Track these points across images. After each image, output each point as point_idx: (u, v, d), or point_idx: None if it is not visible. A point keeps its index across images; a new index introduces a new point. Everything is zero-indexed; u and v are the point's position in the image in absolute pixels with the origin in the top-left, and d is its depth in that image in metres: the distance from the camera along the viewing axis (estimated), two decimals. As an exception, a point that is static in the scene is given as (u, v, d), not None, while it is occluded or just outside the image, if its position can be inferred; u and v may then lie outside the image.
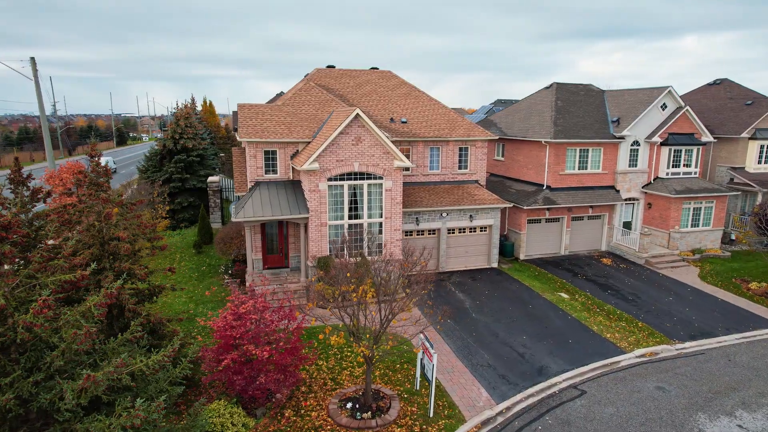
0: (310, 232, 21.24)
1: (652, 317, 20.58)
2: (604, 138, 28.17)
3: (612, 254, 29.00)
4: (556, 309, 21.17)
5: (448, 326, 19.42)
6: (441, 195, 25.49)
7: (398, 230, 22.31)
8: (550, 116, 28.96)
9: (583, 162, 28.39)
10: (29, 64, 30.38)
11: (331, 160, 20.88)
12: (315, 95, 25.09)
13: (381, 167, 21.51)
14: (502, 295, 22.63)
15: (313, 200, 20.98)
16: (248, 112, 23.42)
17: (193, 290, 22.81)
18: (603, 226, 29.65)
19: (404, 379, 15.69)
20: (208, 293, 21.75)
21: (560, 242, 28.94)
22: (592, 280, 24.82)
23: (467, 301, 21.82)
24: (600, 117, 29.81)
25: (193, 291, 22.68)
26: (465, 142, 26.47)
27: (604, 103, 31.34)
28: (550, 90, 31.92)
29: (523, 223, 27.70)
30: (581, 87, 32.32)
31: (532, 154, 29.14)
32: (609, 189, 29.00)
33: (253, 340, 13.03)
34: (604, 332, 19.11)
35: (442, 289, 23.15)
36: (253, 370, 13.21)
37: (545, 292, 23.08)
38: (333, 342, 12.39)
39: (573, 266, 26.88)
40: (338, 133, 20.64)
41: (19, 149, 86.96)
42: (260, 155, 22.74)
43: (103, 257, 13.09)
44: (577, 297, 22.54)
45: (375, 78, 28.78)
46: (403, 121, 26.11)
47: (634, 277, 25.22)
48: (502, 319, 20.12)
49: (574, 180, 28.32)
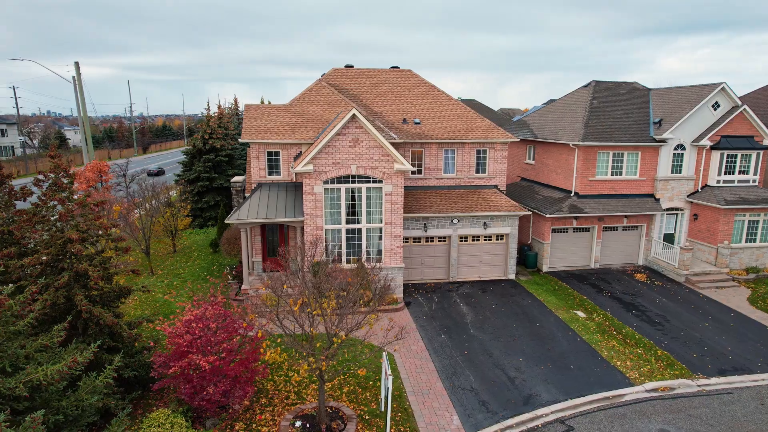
0: (306, 236, 20.66)
1: (678, 345, 18.16)
2: (642, 141, 25.50)
3: (648, 269, 26.22)
4: (566, 329, 19.24)
5: (439, 342, 18.13)
6: (453, 200, 24.08)
7: (399, 237, 21.23)
8: (582, 117, 26.66)
9: (617, 167, 25.85)
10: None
11: (327, 162, 20.18)
12: (325, 95, 24.52)
13: (380, 170, 20.54)
14: (509, 310, 20.93)
15: (308, 203, 20.38)
16: (254, 112, 23.24)
17: (197, 290, 22.93)
18: (640, 238, 26.90)
19: (373, 398, 14.67)
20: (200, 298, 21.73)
21: (590, 254, 26.55)
22: (617, 297, 22.45)
23: (469, 315, 20.35)
24: (640, 118, 27.07)
25: (197, 291, 22.80)
26: (483, 144, 24.88)
27: (648, 102, 28.47)
28: (587, 88, 29.47)
29: (547, 232, 25.65)
30: (624, 85, 29.58)
31: (561, 157, 26.97)
32: (647, 197, 26.23)
33: (201, 349, 12.57)
34: (614, 359, 17.05)
35: (446, 301, 21.81)
36: (203, 380, 12.76)
37: (559, 309, 21.11)
38: (268, 358, 11.64)
39: (600, 281, 24.51)
40: (334, 135, 19.90)
41: (101, 147, 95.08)
42: (263, 156, 22.48)
43: (63, 258, 13.13)
44: (594, 316, 20.41)
45: (393, 77, 27.79)
46: (417, 122, 24.94)
47: (668, 297, 22.54)
48: (501, 337, 18.53)
49: (606, 187, 25.85)
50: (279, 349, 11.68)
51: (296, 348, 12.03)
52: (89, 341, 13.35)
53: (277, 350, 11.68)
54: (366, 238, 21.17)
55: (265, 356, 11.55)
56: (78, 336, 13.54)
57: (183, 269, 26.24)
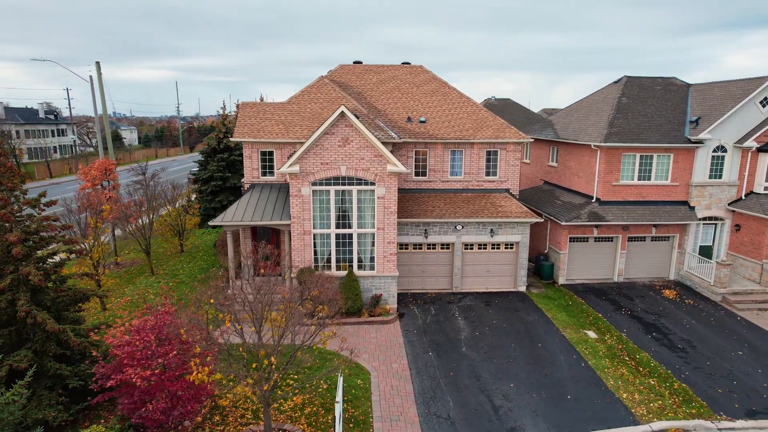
0: (293, 241, 19.61)
1: (700, 377, 15.78)
2: (675, 142, 22.83)
3: (680, 285, 23.47)
4: (570, 351, 17.21)
5: (425, 360, 16.58)
6: (459, 205, 22.37)
7: (392, 243, 19.79)
8: (608, 116, 24.25)
9: (645, 171, 23.29)
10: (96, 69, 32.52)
11: (315, 162, 19.03)
12: (325, 93, 23.41)
13: (372, 172, 19.18)
14: (511, 327, 19.06)
15: (295, 206, 19.31)
16: (249, 110, 22.44)
17: (191, 292, 22.38)
18: (672, 250, 24.16)
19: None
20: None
21: (613, 266, 24.10)
22: (638, 317, 20.06)
23: (465, 331, 18.65)
24: (675, 116, 24.34)
25: (191, 293, 22.26)
26: (494, 144, 23.02)
27: (687, 99, 25.62)
28: (617, 85, 26.93)
29: (564, 241, 23.45)
30: (659, 81, 26.82)
31: (583, 160, 24.65)
32: (680, 205, 23.50)
33: (140, 362, 11.68)
34: (620, 390, 14.94)
35: (443, 313, 20.18)
36: (146, 395, 11.88)
37: (568, 327, 19.03)
38: (194, 378, 10.54)
39: (621, 297, 22.10)
40: (322, 133, 18.73)
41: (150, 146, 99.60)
42: (256, 156, 21.64)
43: (8, 261, 12.60)
44: (607, 338, 18.22)
45: (402, 74, 26.33)
46: (422, 120, 23.39)
47: (698, 318, 19.93)
48: (495, 358, 16.75)
49: (632, 192, 23.35)
50: (207, 368, 10.60)
51: (230, 368, 10.89)
52: (36, 348, 12.80)
53: (205, 369, 10.58)
54: (357, 244, 19.88)
55: (191, 376, 10.45)
56: (28, 342, 13.02)
57: (184, 270, 25.88)
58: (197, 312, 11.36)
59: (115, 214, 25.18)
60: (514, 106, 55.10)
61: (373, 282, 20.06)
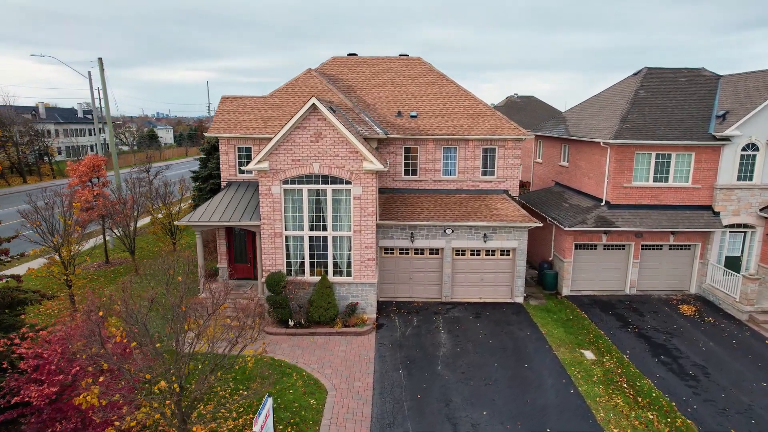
0: (263, 243, 18.27)
1: (711, 412, 13.49)
2: (697, 139, 20.30)
3: (701, 300, 20.89)
4: (561, 375, 15.16)
5: (393, 379, 14.90)
6: (450, 207, 20.55)
7: (370, 248, 18.17)
8: (621, 110, 21.90)
9: (662, 171, 20.83)
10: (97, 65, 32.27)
11: (286, 159, 17.63)
12: (311, 86, 22.01)
13: (347, 170, 17.63)
14: (498, 343, 17.12)
15: (265, 206, 17.97)
16: (229, 104, 21.29)
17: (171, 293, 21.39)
18: (693, 260, 21.58)
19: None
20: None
21: (624, 277, 21.72)
22: (647, 336, 17.75)
23: (446, 346, 16.85)
24: (700, 111, 21.74)
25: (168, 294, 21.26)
26: (491, 141, 21.08)
27: (715, 92, 22.93)
28: (636, 77, 24.48)
29: (568, 248, 21.26)
30: (684, 72, 24.20)
31: (593, 159, 22.37)
32: (702, 210, 20.91)
33: (49, 377, 10.53)
34: (610, 425, 12.86)
35: (427, 325, 18.43)
36: (58, 413, 10.74)
37: (562, 346, 16.95)
38: (80, 401, 9.21)
39: (630, 312, 19.76)
40: (293, 128, 17.31)
41: (182, 144, 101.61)
42: (233, 152, 20.48)
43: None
44: (606, 359, 16.06)
45: (397, 66, 24.66)
46: (413, 115, 21.68)
47: (717, 340, 17.45)
48: (473, 379, 14.90)
49: (647, 195, 20.92)
50: (96, 389, 9.28)
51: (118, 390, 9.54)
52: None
53: (94, 390, 9.24)
54: (333, 248, 18.36)
55: (77, 399, 9.16)
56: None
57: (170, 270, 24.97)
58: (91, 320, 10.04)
59: (101, 211, 24.57)
60: (537, 103, 52.44)
61: (350, 289, 18.52)
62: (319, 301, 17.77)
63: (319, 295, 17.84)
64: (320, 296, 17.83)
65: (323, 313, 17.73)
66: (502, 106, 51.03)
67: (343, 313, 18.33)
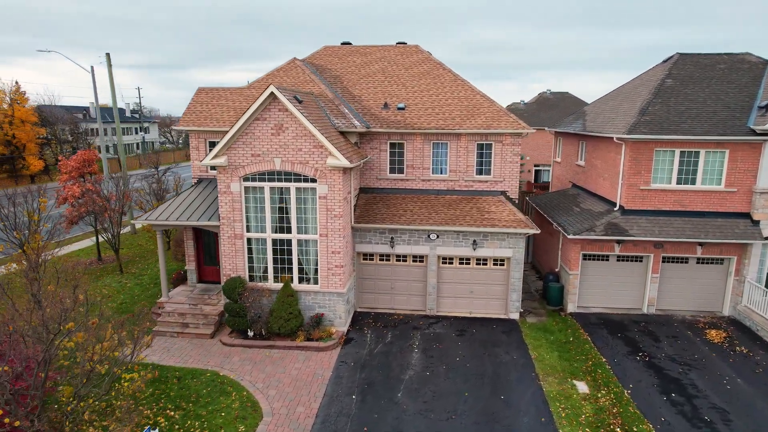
0: (223, 246, 16.76)
1: (723, 470, 10.73)
2: (732, 133, 17.17)
3: (735, 324, 17.68)
4: (541, 411, 12.73)
5: (342, 406, 12.95)
6: (437, 209, 18.37)
7: (338, 254, 16.28)
8: (642, 101, 19.01)
9: (689, 171, 17.80)
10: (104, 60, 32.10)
11: (245, 153, 16.03)
12: (293, 76, 20.40)
13: (311, 166, 15.84)
14: (476, 368, 14.81)
15: (224, 205, 16.45)
16: (203, 96, 19.99)
17: (141, 295, 20.41)
18: (727, 276, 18.37)
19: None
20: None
21: (641, 294, 18.79)
22: (658, 366, 14.91)
23: (415, 368, 14.72)
24: (739, 101, 18.53)
25: (138, 297, 20.28)
26: (486, 136, 18.74)
27: (761, 79, 19.57)
28: (666, 64, 21.40)
29: (575, 259, 18.58)
30: (724, 58, 20.93)
31: (608, 157, 19.57)
32: (738, 218, 17.71)
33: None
34: (587, 482, 10.38)
35: (401, 342, 16.34)
36: None
37: (551, 375, 14.43)
38: None
39: (644, 335, 16.89)
40: (251, 119, 15.69)
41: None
42: (203, 147, 19.14)
43: None
44: (601, 395, 13.45)
45: (392, 55, 22.65)
46: (400, 107, 19.63)
47: (747, 376, 14.40)
48: (435, 411, 12.72)
49: (669, 200, 17.95)
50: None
51: None
52: None
53: None
54: (297, 253, 16.62)
55: None
56: None
57: (154, 269, 24.10)
58: None
59: (87, 207, 23.92)
60: (571, 99, 48.91)
61: (316, 299, 16.71)
62: (279, 310, 16.06)
63: (280, 304, 16.13)
64: (281, 305, 16.12)
65: (283, 324, 16.01)
66: (534, 103, 47.94)
67: (308, 324, 16.55)
